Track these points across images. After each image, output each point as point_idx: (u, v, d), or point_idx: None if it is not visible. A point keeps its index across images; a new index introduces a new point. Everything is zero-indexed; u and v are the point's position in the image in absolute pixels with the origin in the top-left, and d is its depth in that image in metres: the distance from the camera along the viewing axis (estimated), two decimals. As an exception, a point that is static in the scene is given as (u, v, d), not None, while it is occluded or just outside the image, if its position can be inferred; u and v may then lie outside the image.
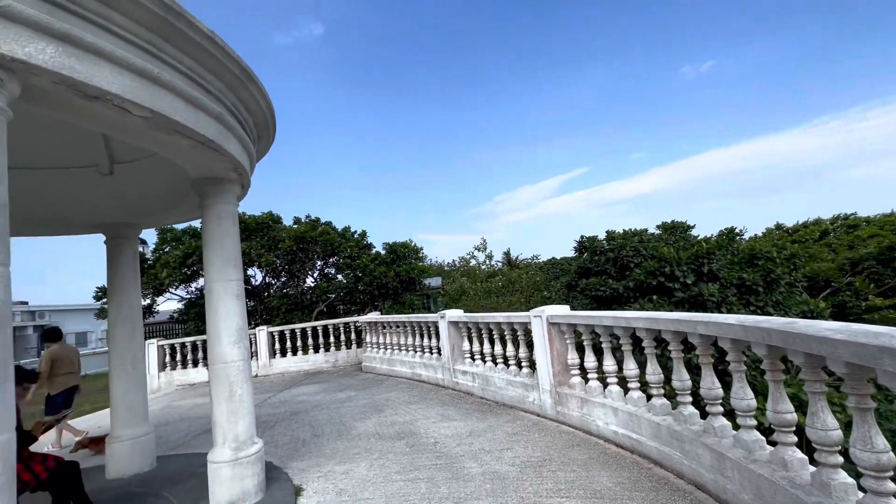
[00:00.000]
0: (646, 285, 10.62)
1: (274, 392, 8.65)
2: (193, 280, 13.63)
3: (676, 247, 11.89)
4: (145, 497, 3.92)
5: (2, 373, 1.77)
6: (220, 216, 3.62)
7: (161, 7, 2.26)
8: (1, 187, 1.85)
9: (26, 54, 1.86)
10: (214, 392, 3.53)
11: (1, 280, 1.80)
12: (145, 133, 2.63)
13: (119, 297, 4.67)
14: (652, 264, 10.67)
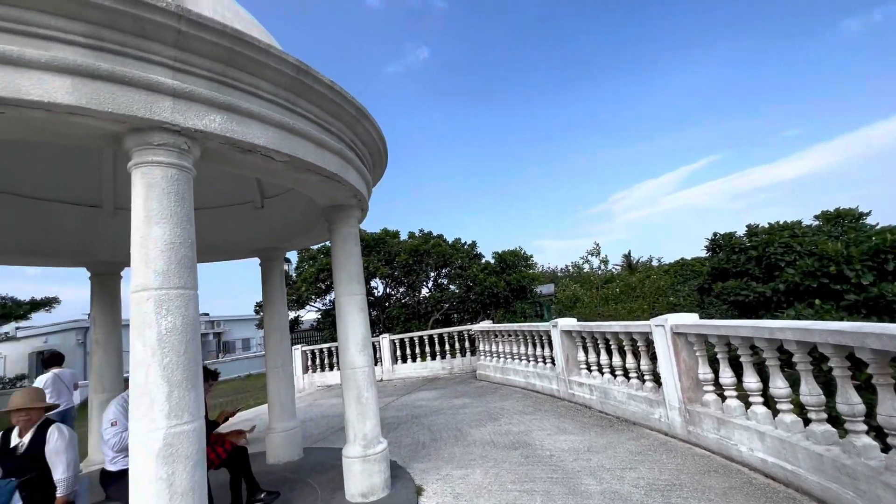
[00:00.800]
0: (802, 288, 8.95)
1: (396, 396, 9.31)
2: (327, 293, 15.45)
3: (845, 241, 9.80)
4: (295, 482, 4.56)
5: (195, 373, 2.28)
6: (345, 238, 4.11)
7: (295, 70, 2.71)
8: (189, 228, 2.39)
9: (203, 125, 2.40)
10: (345, 394, 3.98)
11: (192, 301, 2.33)
12: (284, 173, 3.15)
13: (271, 310, 5.56)
14: (810, 263, 8.96)
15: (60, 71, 2.02)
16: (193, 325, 2.32)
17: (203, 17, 2.27)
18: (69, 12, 1.99)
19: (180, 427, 2.15)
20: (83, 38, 2.06)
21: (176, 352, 2.20)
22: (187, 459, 2.16)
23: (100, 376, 5.20)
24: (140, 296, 2.19)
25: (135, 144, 2.29)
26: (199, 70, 2.39)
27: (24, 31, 1.96)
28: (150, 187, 2.28)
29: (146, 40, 2.19)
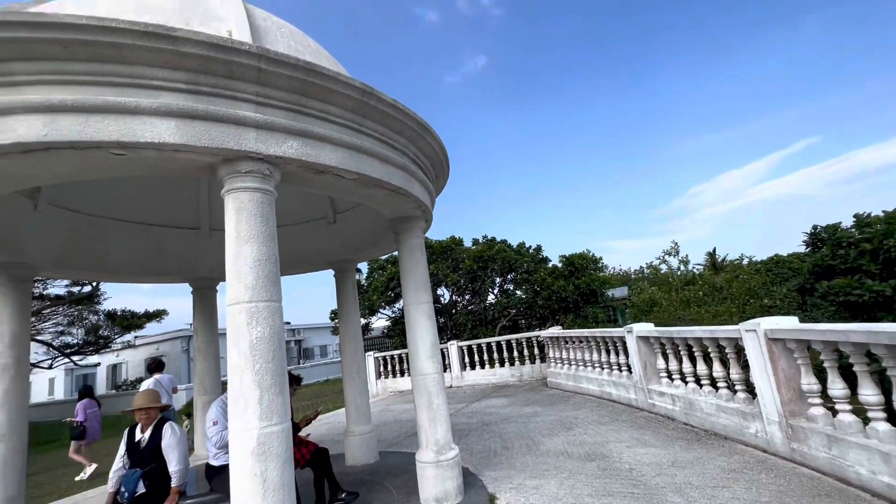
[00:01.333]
0: (934, 285, 7.66)
1: (466, 403, 9.35)
2: (396, 301, 15.98)
3: None
4: (372, 484, 4.75)
5: (282, 378, 2.49)
6: (411, 248, 4.24)
7: (360, 93, 2.89)
8: (273, 245, 2.63)
9: (282, 151, 2.63)
10: (417, 400, 4.09)
11: (277, 312, 2.55)
12: (354, 190, 3.34)
13: (345, 319, 5.88)
14: (942, 255, 7.65)
15: (166, 115, 2.33)
16: (279, 334, 2.54)
17: (280, 55, 2.50)
18: (173, 64, 2.30)
19: (270, 428, 2.36)
20: (184, 84, 2.37)
21: (265, 359, 2.41)
22: (278, 458, 2.35)
23: (202, 380, 5.82)
24: (234, 308, 2.45)
25: (226, 173, 2.57)
26: (278, 102, 2.63)
27: (139, 83, 2.30)
28: (240, 211, 2.55)
29: (233, 80, 2.47)
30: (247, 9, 3.24)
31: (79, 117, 2.20)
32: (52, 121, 2.17)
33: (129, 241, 5.15)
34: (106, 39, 2.15)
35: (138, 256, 5.28)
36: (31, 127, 2.14)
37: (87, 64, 2.20)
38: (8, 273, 4.14)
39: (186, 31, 2.26)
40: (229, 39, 2.37)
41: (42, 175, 2.50)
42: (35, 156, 2.25)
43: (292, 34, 3.52)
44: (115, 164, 2.44)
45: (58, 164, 2.37)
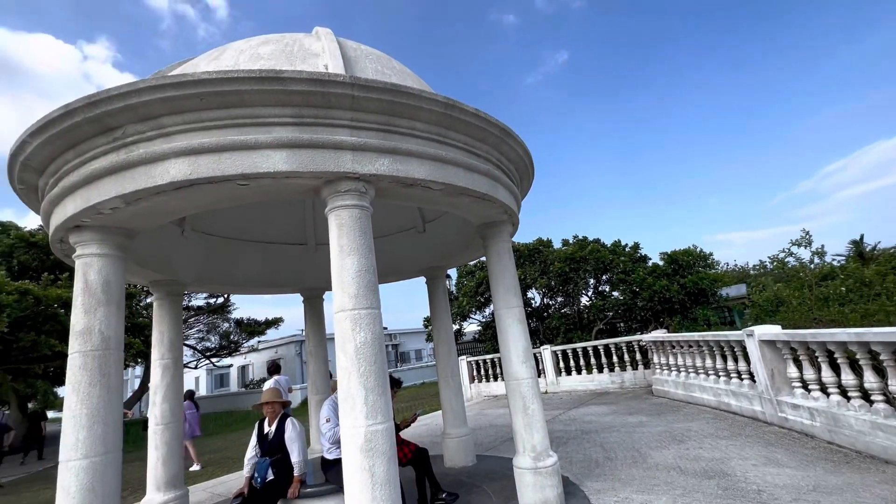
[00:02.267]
0: None
1: (563, 409, 9.03)
2: (486, 306, 16.04)
3: None
4: (471, 486, 4.82)
5: (384, 380, 2.67)
6: (499, 253, 4.27)
7: (443, 106, 3.01)
8: (372, 257, 2.84)
9: (375, 169, 2.84)
10: (511, 405, 4.08)
11: (377, 318, 2.75)
12: (441, 199, 3.47)
13: (438, 324, 6.07)
14: None
15: (278, 147, 2.66)
16: (380, 339, 2.73)
17: (369, 80, 2.72)
18: (281, 101, 2.63)
19: (376, 426, 2.54)
20: (290, 118, 2.68)
21: (368, 361, 2.61)
22: (383, 454, 2.53)
23: (314, 381, 6.43)
24: (340, 315, 2.69)
25: (328, 193, 2.85)
26: (369, 124, 2.86)
27: (256, 122, 2.66)
28: (341, 227, 2.80)
29: (331, 109, 2.73)
30: (338, 42, 3.56)
31: (213, 156, 2.61)
32: (194, 161, 2.61)
33: (252, 258, 5.91)
34: (230, 88, 2.53)
35: (259, 271, 6.03)
36: (181, 168, 2.60)
37: (218, 111, 2.61)
38: (165, 289, 5.01)
39: (291, 72, 2.56)
40: (326, 73, 2.64)
41: (188, 207, 3.01)
42: (183, 192, 2.72)
43: (378, 59, 3.79)
44: (241, 194, 2.85)
45: (199, 196, 2.83)
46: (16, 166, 3.01)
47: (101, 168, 2.72)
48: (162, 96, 2.51)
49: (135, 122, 2.64)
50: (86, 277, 3.05)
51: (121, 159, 2.68)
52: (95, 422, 2.86)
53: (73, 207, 2.87)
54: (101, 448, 2.86)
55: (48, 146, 2.80)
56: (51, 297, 12.75)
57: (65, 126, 2.66)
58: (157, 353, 4.86)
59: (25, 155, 2.88)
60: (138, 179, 2.66)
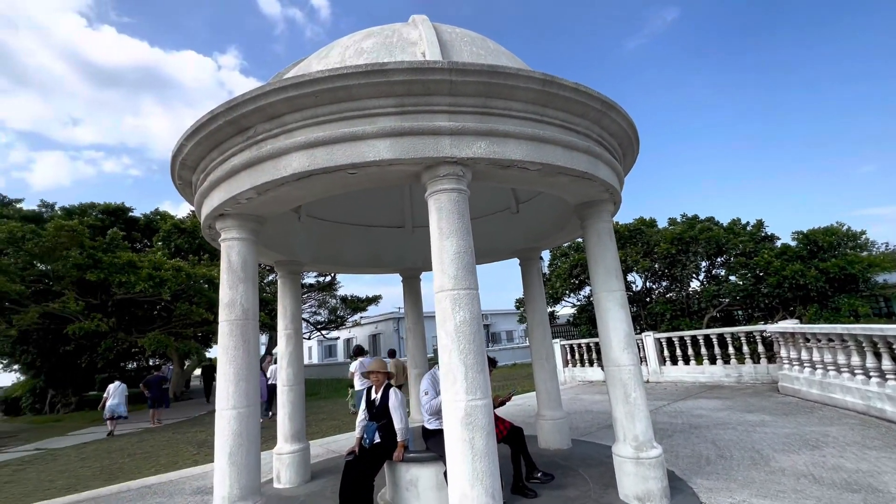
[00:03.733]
0: None
1: (668, 401, 8.44)
2: (581, 288, 15.44)
3: None
4: (566, 470, 4.78)
5: (482, 358, 2.75)
6: (599, 233, 4.07)
7: (541, 83, 2.92)
8: (469, 239, 2.91)
9: (472, 152, 2.88)
10: (611, 392, 3.93)
11: (475, 299, 2.83)
12: (537, 180, 3.40)
13: (532, 306, 6.02)
14: None
15: (382, 136, 2.83)
16: (478, 318, 2.81)
17: (466, 64, 2.74)
18: (385, 92, 2.78)
19: (475, 402, 2.65)
20: (393, 108, 2.83)
21: (468, 340, 2.71)
22: (482, 429, 2.63)
23: (412, 356, 6.83)
24: (440, 296, 2.82)
25: (428, 178, 2.97)
26: (466, 108, 2.89)
27: (362, 114, 2.85)
28: (440, 210, 2.90)
29: (431, 96, 2.82)
30: (434, 28, 3.62)
31: (327, 148, 2.87)
32: (311, 154, 2.89)
33: (357, 241, 6.40)
34: (340, 84, 2.74)
35: (363, 252, 6.51)
36: (300, 161, 2.91)
37: (330, 106, 2.85)
38: (286, 268, 5.67)
39: (392, 63, 2.69)
40: (425, 61, 2.72)
41: (306, 195, 3.35)
42: (302, 181, 3.03)
43: (473, 41, 3.78)
44: (350, 181, 3.09)
45: (315, 185, 3.14)
46: (175, 165, 3.62)
47: (238, 164, 3.15)
48: (285, 97, 2.81)
49: (263, 122, 3.01)
50: (229, 258, 3.59)
51: (253, 155, 3.07)
52: (240, 379, 3.40)
53: (217, 199, 3.38)
54: (244, 401, 3.40)
55: (199, 147, 3.31)
56: (198, 274, 15.17)
57: (210, 129, 3.13)
58: (282, 325, 5.56)
59: (182, 155, 3.44)
60: (267, 172, 3.03)
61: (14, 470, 8.34)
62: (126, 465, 7.88)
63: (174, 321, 16.67)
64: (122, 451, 9.33)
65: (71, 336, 15.05)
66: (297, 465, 5.17)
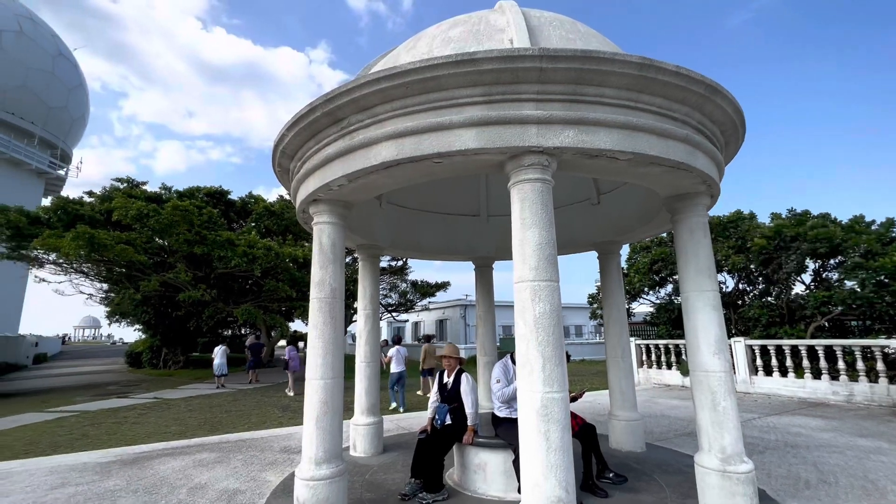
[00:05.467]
0: None
1: (758, 414, 7.71)
2: (662, 285, 14.45)
3: None
4: (640, 474, 4.59)
5: (560, 352, 2.72)
6: (692, 229, 3.78)
7: (637, 67, 2.76)
8: (552, 230, 2.85)
9: (559, 142, 2.80)
10: (697, 398, 3.68)
11: (556, 291, 2.78)
12: (626, 170, 3.23)
13: (609, 301, 5.78)
14: None
15: (469, 125, 2.85)
16: (558, 311, 2.77)
17: (557, 50, 2.66)
18: (473, 81, 2.79)
19: (552, 394, 2.63)
20: (480, 97, 2.83)
21: (546, 332, 2.69)
22: (558, 422, 2.61)
23: (482, 343, 6.90)
24: (520, 286, 2.81)
25: (512, 168, 2.95)
26: (555, 95, 2.81)
27: (450, 104, 2.89)
28: (524, 200, 2.88)
29: (518, 84, 2.78)
30: (522, 13, 3.55)
31: (414, 138, 2.96)
32: (399, 144, 3.00)
33: (433, 228, 6.55)
34: (429, 74, 2.80)
35: (438, 239, 6.65)
36: (389, 151, 3.03)
37: (419, 96, 2.93)
38: (367, 251, 5.98)
39: (482, 52, 2.68)
40: (515, 49, 2.68)
41: (392, 183, 3.49)
42: (389, 171, 3.17)
43: (562, 24, 3.64)
44: (435, 170, 3.17)
45: (401, 174, 3.26)
46: (276, 153, 3.95)
47: (332, 153, 3.36)
48: (377, 88, 2.94)
49: (356, 113, 3.17)
50: (320, 240, 3.87)
51: (346, 145, 3.26)
52: (327, 352, 3.69)
53: (313, 185, 3.64)
54: (330, 373, 3.68)
55: (298, 137, 3.58)
56: (285, 254, 16.48)
57: (309, 120, 3.36)
58: (362, 304, 5.90)
59: (283, 144, 3.74)
60: (358, 161, 3.20)
61: (139, 413, 9.81)
62: (224, 420, 8.91)
63: (263, 295, 18.36)
64: (220, 407, 10.56)
65: (181, 303, 17.20)
66: (372, 436, 5.51)
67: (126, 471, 5.07)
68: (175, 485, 4.56)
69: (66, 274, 18.50)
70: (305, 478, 3.45)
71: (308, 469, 3.49)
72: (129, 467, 5.20)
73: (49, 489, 4.50)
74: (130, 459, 5.54)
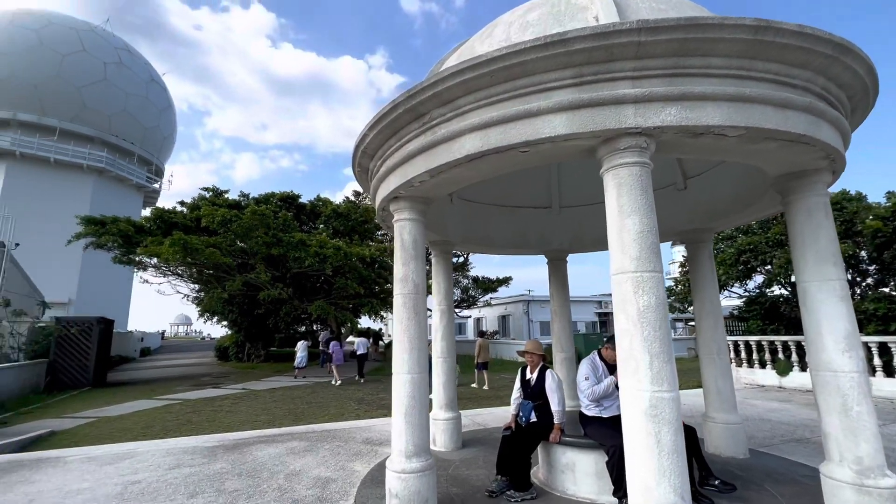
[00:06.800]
0: None
1: (884, 421, 6.77)
2: (749, 276, 13.17)
3: None
4: (747, 483, 4.18)
5: (668, 348, 2.51)
6: (810, 211, 3.36)
7: (752, 31, 2.47)
8: (653, 217, 2.65)
9: (660, 121, 2.59)
10: (821, 401, 3.27)
11: (659, 282, 2.58)
12: (734, 148, 2.92)
13: (701, 293, 5.33)
14: None
15: (558, 110, 2.72)
16: (664, 304, 2.56)
17: (658, 21, 2.44)
18: (563, 63, 2.65)
19: (662, 394, 2.44)
20: (570, 79, 2.69)
21: (653, 326, 2.50)
22: (669, 423, 2.42)
23: (558, 339, 6.68)
24: (620, 278, 2.64)
25: (605, 152, 2.77)
26: (654, 71, 2.60)
27: (537, 89, 2.77)
28: (620, 186, 2.70)
29: (612, 62, 2.60)
30: (606, -12, 3.33)
31: (500, 128, 2.88)
32: (485, 135, 2.94)
33: (503, 222, 6.44)
34: (515, 60, 2.70)
35: (508, 233, 6.53)
36: (473, 143, 2.98)
37: (503, 84, 2.84)
38: (440, 247, 6.01)
39: (574, 31, 2.54)
40: (609, 24, 2.50)
41: (474, 176, 3.44)
42: (473, 163, 3.11)
43: (650, -5, 3.37)
44: (520, 160, 3.07)
45: (485, 166, 3.19)
46: (357, 153, 4.05)
47: (413, 149, 3.38)
48: (460, 80, 2.89)
49: (438, 107, 3.15)
50: (401, 237, 3.92)
51: (428, 140, 3.25)
52: (413, 347, 3.73)
53: (394, 182, 3.69)
54: (417, 367, 3.71)
55: (379, 136, 3.64)
56: (353, 253, 17.13)
57: (391, 118, 3.40)
58: (436, 300, 5.94)
59: (364, 144, 3.83)
60: (441, 156, 3.18)
61: (232, 403, 10.68)
62: (306, 411, 9.44)
63: (333, 293, 19.26)
64: (301, 398, 11.21)
65: (261, 301, 18.49)
66: (451, 431, 5.53)
67: (229, 455, 5.50)
68: (273, 470, 4.87)
69: (164, 276, 20.65)
70: (397, 470, 3.52)
71: (399, 462, 3.55)
72: (231, 452, 5.64)
73: (168, 469, 5.00)
74: (231, 445, 6.02)
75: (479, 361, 12.55)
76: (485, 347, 12.69)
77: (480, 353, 12.62)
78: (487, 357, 12.76)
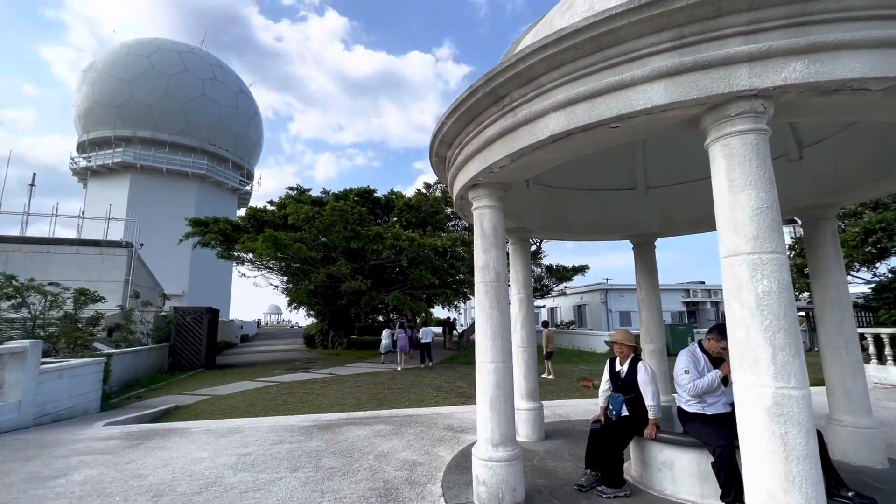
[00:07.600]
0: None
1: None
2: (881, 259, 11.28)
3: None
4: (889, 496, 3.60)
5: (795, 340, 2.20)
6: (981, 175, 2.75)
7: (907, -41, 2.04)
8: (773, 191, 2.32)
9: (782, 79, 2.25)
10: None
11: (783, 265, 2.26)
12: (875, 106, 2.46)
13: (823, 279, 4.65)
14: None
15: (655, 78, 2.48)
16: (788, 289, 2.25)
17: (779, -38, 2.11)
18: (661, 26, 2.40)
19: (787, 390, 2.15)
20: (669, 42, 2.43)
21: (775, 315, 2.20)
22: (799, 424, 2.12)
23: (647, 329, 6.24)
24: (732, 260, 2.36)
25: (712, 121, 2.48)
26: (773, 22, 2.25)
27: (630, 57, 2.55)
28: (731, 158, 2.40)
29: (721, 17, 2.30)
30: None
31: (588, 104, 2.70)
32: (570, 113, 2.77)
33: (583, 206, 6.12)
34: (605, 28, 2.50)
35: (589, 218, 6.20)
36: (558, 122, 2.83)
37: (591, 56, 2.64)
38: (517, 235, 5.88)
39: (673, -12, 2.28)
40: (716, -26, 2.21)
41: (557, 157, 3.28)
42: (558, 143, 2.96)
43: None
44: (609, 137, 2.86)
45: (569, 146, 3.02)
46: (434, 143, 4.05)
47: (493, 133, 3.30)
48: (543, 56, 2.75)
49: (519, 87, 3.03)
50: (481, 225, 3.87)
51: (508, 123, 3.15)
52: (496, 336, 3.68)
53: (473, 169, 3.64)
54: (500, 356, 3.67)
55: (457, 123, 3.61)
56: (426, 244, 17.48)
57: (469, 104, 3.34)
58: (515, 289, 5.83)
59: (442, 133, 3.81)
60: (523, 138, 3.07)
61: (321, 386, 11.48)
62: (388, 396, 9.86)
63: (408, 283, 19.85)
64: (382, 384, 11.73)
65: (343, 292, 19.60)
66: (533, 422, 5.44)
67: (323, 434, 5.91)
68: (364, 451, 5.14)
69: (258, 270, 22.70)
70: (483, 458, 3.52)
71: (485, 450, 3.55)
72: (325, 432, 6.05)
73: (272, 444, 5.49)
74: (324, 425, 6.46)
75: (548, 351, 12.79)
76: (550, 338, 13.08)
77: (549, 343, 13.03)
78: (553, 346, 13.27)
